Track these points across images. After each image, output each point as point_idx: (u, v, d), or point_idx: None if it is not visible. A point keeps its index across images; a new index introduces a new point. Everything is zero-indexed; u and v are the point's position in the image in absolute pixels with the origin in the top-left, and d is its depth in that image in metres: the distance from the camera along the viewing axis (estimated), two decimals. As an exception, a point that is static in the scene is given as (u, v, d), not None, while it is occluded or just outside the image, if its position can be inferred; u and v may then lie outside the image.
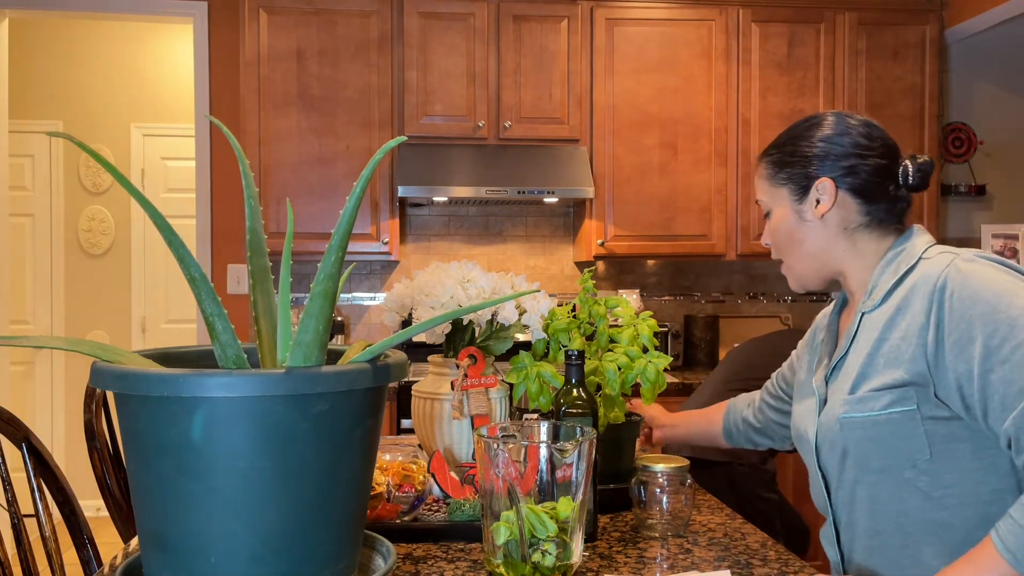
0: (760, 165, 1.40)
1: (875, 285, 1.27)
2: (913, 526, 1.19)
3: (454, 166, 3.36)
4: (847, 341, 1.29)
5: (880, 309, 1.24)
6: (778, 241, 1.37)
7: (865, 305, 1.27)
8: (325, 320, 0.89)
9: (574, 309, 1.63)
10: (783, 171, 1.34)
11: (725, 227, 3.58)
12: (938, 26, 3.70)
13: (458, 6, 3.43)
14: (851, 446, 1.22)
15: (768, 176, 1.38)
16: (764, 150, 1.41)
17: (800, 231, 1.33)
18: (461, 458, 1.52)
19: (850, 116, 1.32)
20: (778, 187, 1.35)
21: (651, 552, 1.29)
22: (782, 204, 1.35)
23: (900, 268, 1.24)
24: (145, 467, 0.85)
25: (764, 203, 1.39)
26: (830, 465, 1.28)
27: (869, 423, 1.20)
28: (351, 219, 0.89)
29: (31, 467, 1.44)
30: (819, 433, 1.29)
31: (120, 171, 0.84)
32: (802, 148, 1.32)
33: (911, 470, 1.18)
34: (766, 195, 1.38)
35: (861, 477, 1.23)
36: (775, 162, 1.36)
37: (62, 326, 4.85)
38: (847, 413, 1.22)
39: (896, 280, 1.23)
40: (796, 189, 1.33)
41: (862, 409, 1.20)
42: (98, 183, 4.91)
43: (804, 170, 1.32)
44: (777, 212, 1.36)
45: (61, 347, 0.88)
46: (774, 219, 1.37)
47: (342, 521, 0.90)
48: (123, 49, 4.89)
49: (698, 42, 3.56)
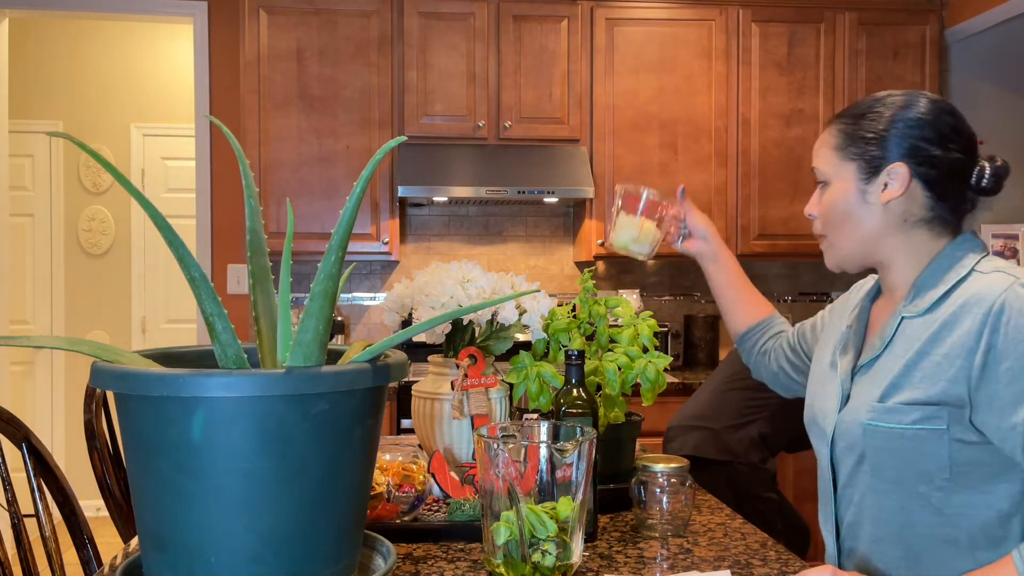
0: (829, 131, 1.29)
1: (920, 289, 1.21)
2: (917, 539, 1.17)
3: (454, 166, 3.36)
4: (881, 342, 1.24)
5: (924, 319, 1.19)
6: (830, 217, 1.28)
7: (907, 309, 1.22)
8: (325, 320, 0.89)
9: (574, 309, 1.63)
10: (855, 145, 1.24)
11: (725, 227, 3.57)
12: (938, 26, 3.70)
13: (458, 6, 3.43)
14: (870, 453, 1.19)
15: (836, 146, 1.27)
16: (839, 114, 1.30)
17: (858, 212, 1.24)
18: (461, 458, 1.52)
19: (942, 102, 1.24)
20: (845, 161, 1.25)
21: (651, 552, 1.29)
22: (846, 179, 1.25)
23: (950, 278, 1.19)
24: (145, 467, 0.85)
25: (822, 173, 1.29)
26: (843, 462, 1.26)
27: (894, 435, 1.16)
28: (351, 219, 0.89)
29: (31, 467, 1.44)
30: (837, 428, 1.26)
31: (120, 171, 0.84)
32: (884, 125, 1.23)
33: (926, 485, 1.15)
34: (828, 165, 1.28)
35: (873, 484, 1.20)
36: (848, 134, 1.26)
37: (62, 326, 4.86)
38: (873, 420, 1.18)
39: (945, 291, 1.18)
40: (865, 168, 1.24)
41: (889, 420, 1.16)
42: (98, 183, 4.91)
43: (880, 150, 1.22)
44: (837, 186, 1.26)
45: (61, 347, 0.88)
46: (832, 193, 1.27)
47: (342, 521, 0.90)
48: (123, 49, 4.89)
49: (698, 42, 3.56)
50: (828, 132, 1.30)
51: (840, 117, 1.29)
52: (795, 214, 3.58)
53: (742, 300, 1.63)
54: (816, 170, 1.31)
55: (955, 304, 1.16)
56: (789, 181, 3.58)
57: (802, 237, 3.56)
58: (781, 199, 3.58)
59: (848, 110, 1.29)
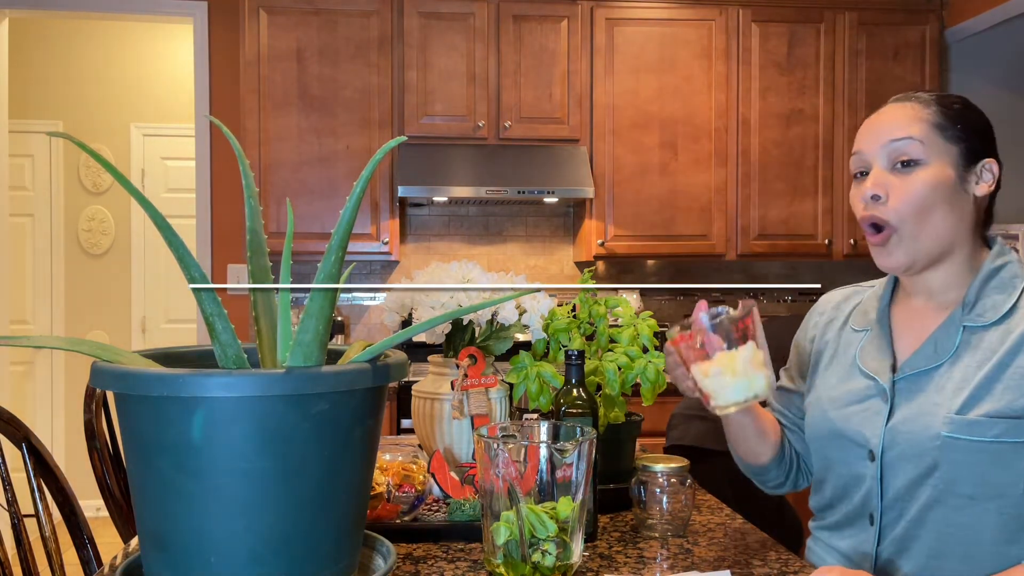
0: (930, 108, 1.17)
1: (978, 299, 1.17)
2: (983, 555, 1.13)
3: (454, 166, 3.36)
4: (938, 351, 1.18)
5: (997, 329, 1.15)
6: (918, 202, 1.14)
7: (969, 319, 1.17)
8: (325, 320, 0.89)
9: (574, 309, 1.63)
10: (960, 128, 1.16)
11: (725, 227, 3.58)
12: (938, 26, 3.70)
13: (458, 6, 3.43)
14: (945, 466, 1.13)
15: (939, 125, 1.16)
16: (936, 99, 1.19)
17: (954, 198, 1.15)
18: (461, 458, 1.52)
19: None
20: (949, 142, 1.16)
21: (651, 552, 1.29)
22: (946, 161, 1.15)
23: (1008, 286, 1.16)
24: (145, 467, 0.85)
25: (916, 151, 1.15)
26: (898, 475, 1.18)
27: (975, 448, 1.11)
28: (351, 219, 0.89)
29: (31, 467, 1.44)
30: (889, 439, 1.18)
31: (120, 171, 0.84)
32: (980, 120, 1.18)
33: (998, 500, 1.11)
34: (927, 142, 1.15)
35: (943, 498, 1.14)
36: (954, 116, 1.16)
37: (62, 326, 4.86)
38: (953, 433, 1.12)
39: (1015, 302, 1.15)
40: (968, 154, 1.16)
41: (971, 433, 1.11)
42: (98, 183, 4.91)
43: (982, 142, 1.17)
44: (935, 168, 1.15)
45: (61, 347, 0.88)
46: (926, 174, 1.15)
47: (342, 521, 0.90)
48: (123, 49, 4.89)
49: (698, 42, 3.56)
50: (928, 109, 1.17)
51: (940, 100, 1.18)
52: (795, 214, 3.58)
53: (767, 425, 1.41)
54: (906, 140, 1.16)
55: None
56: (789, 181, 3.58)
57: (802, 237, 3.56)
58: (781, 199, 3.58)
59: (944, 96, 1.19)
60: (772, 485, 1.46)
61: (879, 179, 1.17)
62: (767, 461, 1.41)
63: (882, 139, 1.18)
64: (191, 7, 3.74)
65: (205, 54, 3.75)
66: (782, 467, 1.42)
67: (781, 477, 1.43)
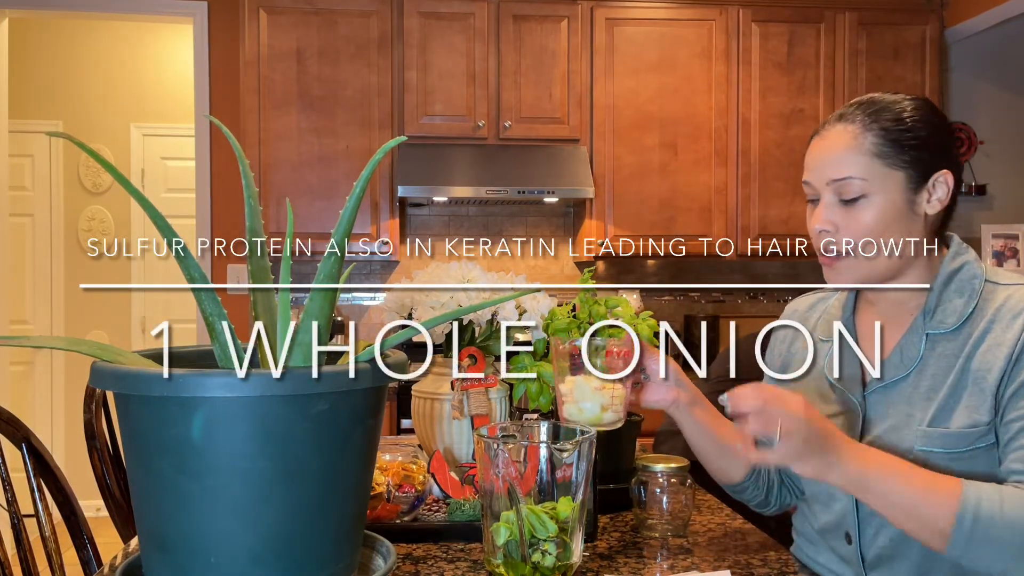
0: (866, 137, 1.15)
1: (938, 304, 1.17)
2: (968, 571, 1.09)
3: (454, 166, 3.36)
4: (905, 361, 1.17)
5: (955, 335, 1.15)
6: (865, 233, 1.15)
7: (932, 326, 1.16)
8: (325, 320, 0.89)
9: (574, 309, 1.63)
10: (906, 153, 1.14)
11: (725, 227, 3.58)
12: (938, 26, 3.70)
13: (458, 6, 3.43)
14: None
15: (880, 154, 1.14)
16: (876, 120, 1.16)
17: (905, 224, 1.15)
18: (461, 458, 1.52)
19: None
20: (893, 169, 1.14)
21: (651, 552, 1.29)
22: (892, 190, 1.14)
23: (967, 288, 1.16)
24: (145, 467, 0.85)
25: (857, 188, 1.15)
26: None
27: (949, 458, 1.10)
28: (351, 219, 0.89)
29: (31, 467, 1.43)
30: None
31: (120, 171, 0.84)
32: (929, 131, 1.15)
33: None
34: (868, 174, 1.14)
35: None
36: (894, 140, 1.14)
37: (62, 326, 4.85)
38: (927, 447, 1.11)
39: (973, 306, 1.14)
40: (915, 176, 1.15)
41: (945, 445, 1.11)
42: (98, 183, 4.91)
43: (932, 156, 1.15)
44: (881, 198, 1.14)
45: (61, 347, 0.88)
46: (875, 206, 1.14)
47: (342, 521, 0.90)
48: (123, 49, 4.89)
49: (698, 42, 3.56)
50: (864, 139, 1.15)
51: (877, 123, 1.15)
52: (795, 214, 3.58)
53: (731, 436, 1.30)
54: (841, 182, 1.16)
55: (986, 319, 1.13)
56: (789, 181, 3.58)
57: (802, 237, 3.56)
58: (781, 199, 3.58)
59: (888, 116, 1.16)
60: (755, 504, 1.41)
61: (827, 213, 1.18)
62: (741, 479, 1.35)
63: (825, 176, 1.18)
64: (191, 7, 3.74)
65: (205, 54, 3.75)
66: (759, 485, 1.37)
67: (760, 496, 1.38)
